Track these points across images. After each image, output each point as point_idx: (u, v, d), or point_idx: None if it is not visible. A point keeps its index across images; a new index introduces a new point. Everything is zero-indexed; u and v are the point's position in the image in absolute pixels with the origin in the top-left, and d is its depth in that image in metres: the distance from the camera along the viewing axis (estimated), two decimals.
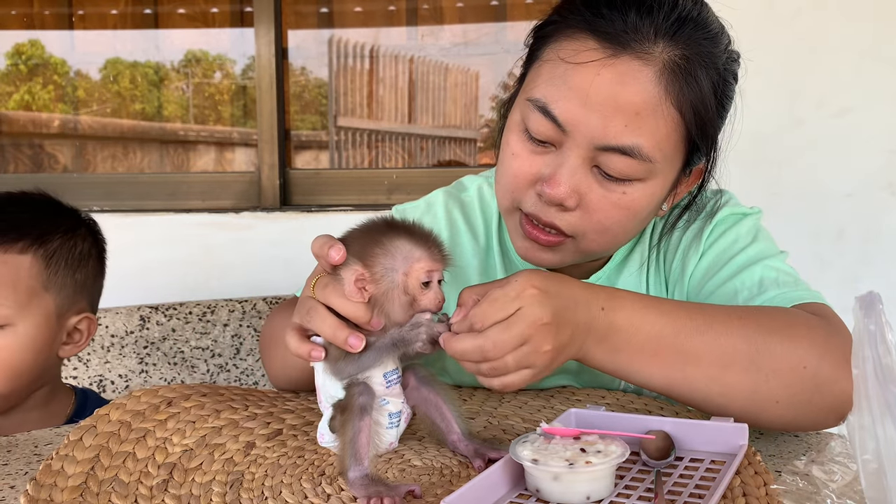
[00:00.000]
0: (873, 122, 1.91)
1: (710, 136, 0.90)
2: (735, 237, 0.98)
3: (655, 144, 0.85)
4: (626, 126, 0.84)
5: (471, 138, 2.63)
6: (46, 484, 0.70)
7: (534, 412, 0.92)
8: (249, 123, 2.51)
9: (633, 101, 0.84)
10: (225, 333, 1.78)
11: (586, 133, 0.85)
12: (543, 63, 0.90)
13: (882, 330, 0.57)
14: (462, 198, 1.12)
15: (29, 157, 2.61)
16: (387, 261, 0.73)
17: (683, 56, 0.85)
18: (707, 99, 0.87)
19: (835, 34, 1.91)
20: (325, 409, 0.79)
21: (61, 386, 1.31)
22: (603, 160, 0.86)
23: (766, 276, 0.92)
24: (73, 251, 1.26)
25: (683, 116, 0.86)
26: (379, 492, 0.68)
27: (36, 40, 2.59)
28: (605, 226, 0.89)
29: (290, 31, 2.41)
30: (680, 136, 0.87)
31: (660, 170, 0.88)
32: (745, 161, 1.91)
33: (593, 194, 0.87)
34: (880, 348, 0.57)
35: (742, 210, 1.01)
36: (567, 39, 0.87)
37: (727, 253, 0.97)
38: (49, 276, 1.22)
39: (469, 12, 2.48)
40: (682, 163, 0.91)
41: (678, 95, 0.85)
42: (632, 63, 0.84)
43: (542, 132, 0.88)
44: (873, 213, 1.93)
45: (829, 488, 0.65)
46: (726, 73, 0.90)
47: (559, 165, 0.87)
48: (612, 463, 0.66)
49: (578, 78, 0.85)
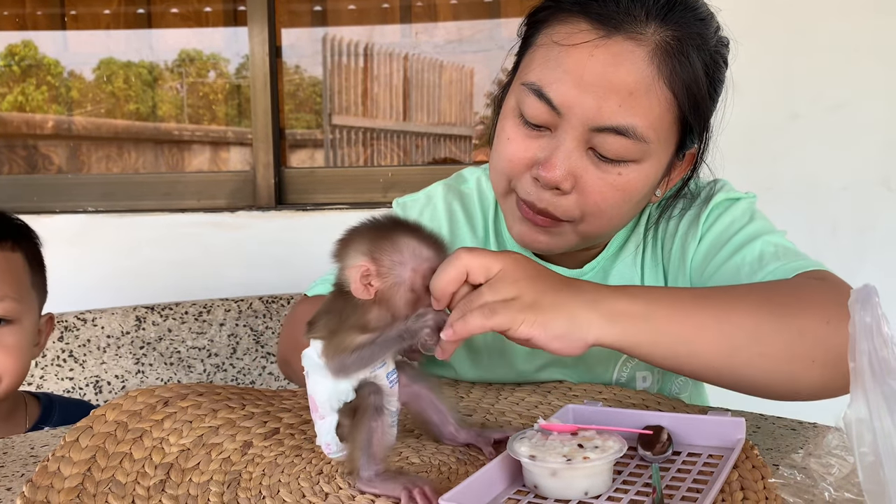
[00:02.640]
0: (868, 116, 1.91)
1: (703, 117, 0.91)
2: (732, 219, 0.99)
3: (649, 124, 0.86)
4: (620, 106, 0.85)
5: (465, 135, 2.63)
6: (43, 486, 0.70)
7: (531, 408, 0.92)
8: (244, 122, 2.51)
9: (627, 81, 0.85)
10: (221, 333, 1.78)
11: (581, 114, 0.86)
12: (537, 48, 0.91)
13: (878, 323, 0.57)
14: (462, 190, 1.13)
15: (23, 159, 2.60)
16: (395, 256, 0.72)
17: (675, 37, 0.86)
18: (699, 79, 0.88)
19: (830, 28, 1.91)
20: (323, 416, 0.75)
21: (20, 393, 1.31)
22: (598, 142, 0.87)
23: (765, 251, 0.93)
24: (38, 253, 1.29)
25: (676, 97, 0.87)
26: (412, 481, 0.67)
27: (29, 41, 2.58)
28: (601, 208, 0.90)
29: (284, 29, 2.41)
30: (673, 117, 0.88)
31: (654, 151, 0.89)
32: (739, 155, 1.91)
33: (589, 176, 0.88)
34: (877, 341, 0.56)
35: (737, 194, 1.02)
36: (560, 23, 0.89)
37: (725, 234, 0.97)
38: (33, 275, 1.25)
39: (463, 9, 2.47)
40: (676, 146, 0.92)
41: (671, 75, 0.86)
42: (624, 44, 0.85)
43: (537, 116, 0.89)
44: (868, 207, 1.93)
45: (827, 481, 0.65)
46: (717, 55, 0.91)
47: (554, 148, 0.88)
48: (609, 458, 0.66)
49: (572, 60, 0.86)
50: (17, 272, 1.22)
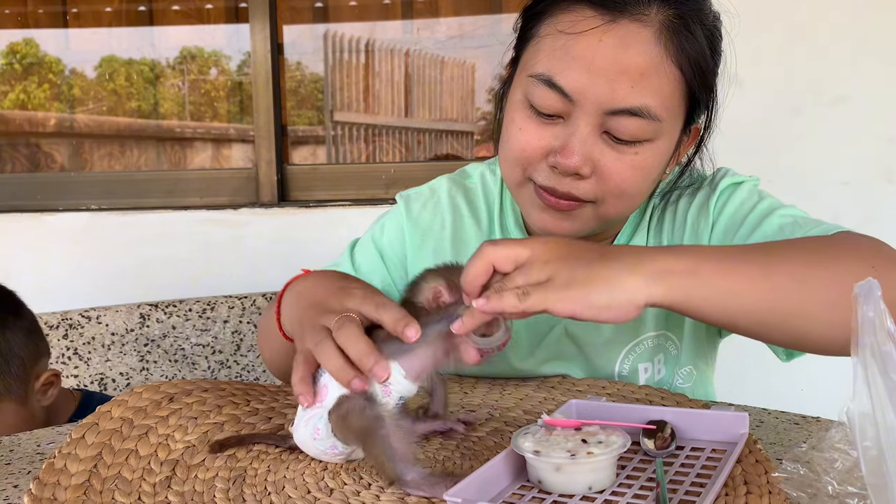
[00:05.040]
0: (870, 110, 1.91)
1: (710, 88, 0.93)
2: (741, 200, 1.00)
3: (661, 103, 0.88)
4: (632, 87, 0.86)
5: (468, 131, 2.62)
6: (50, 482, 0.70)
7: (535, 404, 0.93)
8: (246, 120, 2.51)
9: (637, 63, 0.86)
10: (225, 330, 1.78)
11: (594, 100, 0.87)
12: (542, 39, 0.92)
13: (881, 317, 0.57)
14: (466, 184, 1.14)
15: (26, 157, 2.60)
16: None
17: (677, 14, 0.88)
18: (704, 52, 0.90)
19: (831, 22, 1.91)
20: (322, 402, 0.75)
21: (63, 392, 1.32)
22: (612, 125, 0.88)
23: (784, 223, 0.93)
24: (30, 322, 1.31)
25: (684, 73, 0.89)
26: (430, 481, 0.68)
27: (30, 39, 2.58)
28: (622, 189, 0.91)
29: (286, 26, 2.41)
30: (682, 93, 0.90)
31: (666, 129, 0.91)
32: (741, 149, 1.91)
33: (606, 160, 0.89)
34: (879, 335, 0.57)
35: (740, 178, 1.03)
36: (563, 13, 0.90)
37: (739, 214, 0.98)
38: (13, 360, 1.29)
39: (464, 5, 2.47)
40: (684, 121, 0.94)
41: (677, 52, 0.88)
42: (630, 26, 0.87)
43: (549, 105, 0.89)
44: (870, 201, 1.93)
45: (830, 475, 0.65)
46: (714, 29, 0.93)
47: (570, 135, 0.89)
48: (613, 453, 0.66)
49: (581, 47, 0.87)
50: None
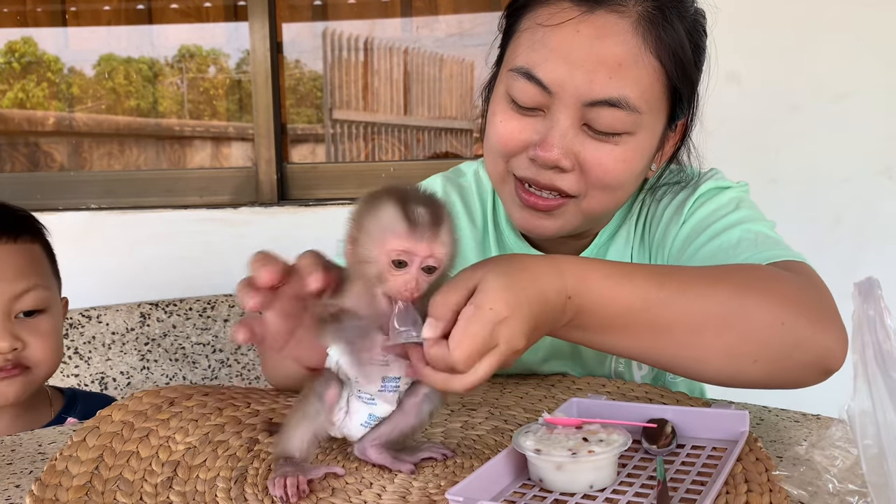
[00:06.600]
0: (870, 107, 1.90)
1: (690, 81, 0.93)
2: (717, 206, 0.98)
3: (640, 94, 0.88)
4: (610, 78, 0.86)
5: (466, 129, 2.62)
6: (52, 484, 0.70)
7: (535, 402, 0.93)
8: (245, 118, 2.51)
9: (615, 53, 0.86)
10: (226, 329, 1.78)
11: (572, 91, 0.87)
12: (521, 33, 0.92)
13: (881, 315, 0.57)
14: (460, 182, 1.14)
15: (25, 156, 2.60)
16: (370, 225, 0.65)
17: (655, 6, 0.88)
18: (684, 44, 0.90)
19: (831, 19, 1.91)
20: None
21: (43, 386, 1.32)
22: (592, 116, 0.88)
23: (744, 238, 0.91)
24: (49, 242, 1.31)
25: (664, 65, 0.89)
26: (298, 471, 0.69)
27: (29, 38, 2.58)
28: (605, 182, 0.91)
29: (285, 24, 2.40)
30: (662, 86, 0.90)
31: (646, 122, 0.90)
32: (741, 147, 1.92)
33: (587, 152, 0.89)
34: (880, 333, 0.57)
35: (725, 183, 1.01)
36: (542, 6, 0.90)
37: (707, 220, 0.97)
38: (51, 264, 1.28)
39: (463, 3, 2.47)
40: (667, 117, 0.94)
41: (656, 44, 0.88)
42: (608, 17, 0.87)
43: (529, 98, 0.89)
44: (870, 198, 1.93)
45: (831, 473, 0.65)
46: (696, 23, 0.93)
47: (549, 128, 0.89)
48: (614, 452, 0.66)
49: (558, 38, 0.88)
50: (40, 262, 1.26)
